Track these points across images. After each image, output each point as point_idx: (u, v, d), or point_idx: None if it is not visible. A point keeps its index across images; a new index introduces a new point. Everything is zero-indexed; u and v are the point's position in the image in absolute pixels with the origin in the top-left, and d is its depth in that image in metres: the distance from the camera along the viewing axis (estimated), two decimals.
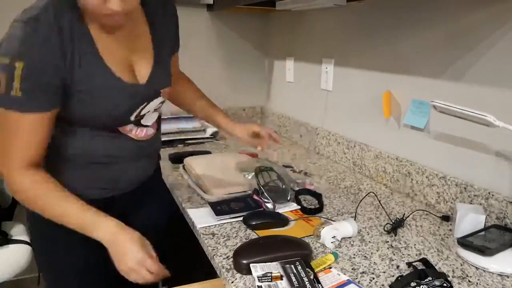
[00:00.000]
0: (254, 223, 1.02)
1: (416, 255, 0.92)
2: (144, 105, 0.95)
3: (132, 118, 0.94)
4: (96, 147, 0.93)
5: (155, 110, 1.01)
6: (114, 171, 0.98)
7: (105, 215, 0.88)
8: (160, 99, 0.99)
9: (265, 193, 1.13)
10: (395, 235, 1.01)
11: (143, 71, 0.94)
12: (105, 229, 0.86)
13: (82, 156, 0.93)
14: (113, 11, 0.77)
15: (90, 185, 0.97)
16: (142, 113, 0.96)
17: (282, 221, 1.04)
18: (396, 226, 1.03)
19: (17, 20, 0.77)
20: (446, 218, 1.11)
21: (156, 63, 0.97)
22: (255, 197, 1.15)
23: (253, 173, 1.23)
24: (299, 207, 1.14)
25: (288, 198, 1.16)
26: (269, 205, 1.12)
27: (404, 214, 1.13)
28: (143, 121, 0.98)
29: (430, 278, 0.80)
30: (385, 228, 1.04)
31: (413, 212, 1.15)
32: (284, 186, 1.20)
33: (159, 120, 1.07)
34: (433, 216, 1.13)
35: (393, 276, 0.83)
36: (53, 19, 0.78)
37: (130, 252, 0.85)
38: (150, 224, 1.14)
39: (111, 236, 0.86)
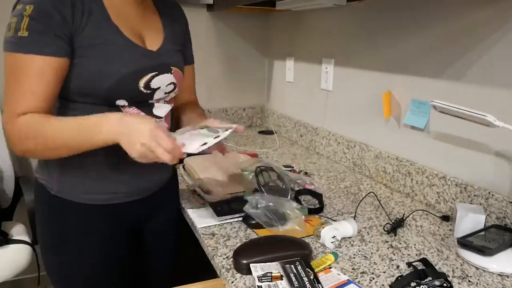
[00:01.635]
0: (254, 222, 1.02)
1: (416, 255, 0.92)
2: (154, 73, 0.91)
3: (141, 85, 0.89)
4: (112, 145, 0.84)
5: (167, 94, 0.97)
6: (136, 173, 0.95)
7: (104, 114, 0.81)
8: (170, 77, 0.95)
9: (265, 193, 1.13)
10: (395, 235, 1.01)
11: (154, 42, 0.95)
12: (110, 125, 0.79)
13: (102, 157, 0.91)
14: None
15: (98, 187, 0.94)
16: (152, 84, 0.91)
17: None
18: (395, 226, 1.03)
19: None
20: (446, 218, 1.11)
21: (166, 38, 0.98)
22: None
23: (253, 173, 1.23)
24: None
25: (288, 198, 1.16)
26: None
27: (404, 214, 1.13)
28: (154, 110, 0.95)
29: (430, 278, 0.80)
30: (385, 228, 1.04)
31: (413, 212, 1.15)
32: (284, 186, 1.20)
33: (171, 118, 1.04)
34: (433, 216, 1.13)
35: (393, 276, 0.83)
36: None
37: (140, 127, 0.76)
38: (159, 232, 1.13)
39: (117, 123, 0.78)
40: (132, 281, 1.09)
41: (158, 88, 0.93)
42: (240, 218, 1.06)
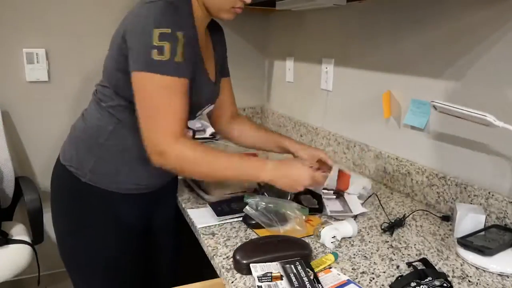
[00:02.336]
0: (254, 222, 1.02)
1: (416, 255, 0.92)
2: (209, 105, 1.08)
3: (198, 113, 1.06)
4: None
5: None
6: (154, 167, 0.99)
7: (261, 159, 0.99)
8: (211, 107, 1.12)
9: (265, 193, 1.13)
10: (391, 235, 1.01)
11: (211, 73, 1.06)
12: (266, 170, 0.95)
13: (132, 148, 0.99)
14: (243, 3, 0.97)
15: (129, 179, 1.02)
16: (203, 112, 1.08)
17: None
18: (393, 225, 1.03)
19: (154, 0, 0.86)
20: (446, 218, 1.11)
21: (216, 72, 1.11)
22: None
23: None
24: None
25: (288, 198, 1.16)
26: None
27: (404, 214, 1.13)
28: (189, 123, 1.04)
29: (430, 278, 0.80)
30: (382, 227, 1.04)
31: (413, 212, 1.15)
32: None
33: (193, 130, 1.20)
34: (433, 216, 1.13)
35: (393, 276, 0.83)
36: (183, 8, 0.91)
37: (298, 176, 0.97)
38: (165, 223, 1.21)
39: (273, 172, 0.96)
40: (143, 271, 1.17)
41: (201, 113, 1.10)
42: (240, 218, 1.06)
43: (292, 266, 0.81)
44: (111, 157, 0.99)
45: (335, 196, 1.17)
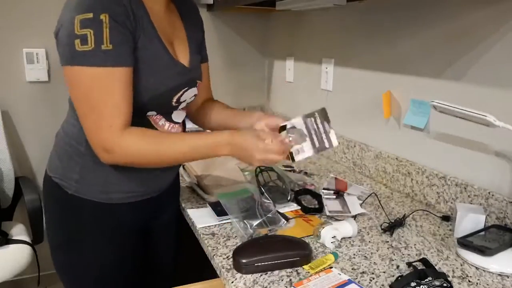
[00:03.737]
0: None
1: (416, 255, 0.92)
2: (185, 89, 0.96)
3: (174, 100, 0.94)
4: None
5: (188, 104, 1.02)
6: (146, 172, 0.97)
7: (216, 133, 0.90)
8: (194, 91, 1.00)
9: (265, 193, 1.13)
10: (391, 235, 1.01)
11: (182, 54, 0.97)
12: (222, 146, 0.88)
13: None
14: None
15: (116, 187, 0.95)
16: (182, 98, 0.96)
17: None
18: (393, 225, 1.03)
19: None
20: (446, 218, 1.11)
21: (191, 54, 1.00)
22: (255, 197, 1.15)
23: (253, 173, 1.23)
24: (299, 207, 1.14)
25: (288, 198, 1.16)
26: (269, 206, 1.12)
27: (404, 214, 1.13)
28: (173, 117, 0.98)
29: (430, 278, 0.80)
30: (382, 227, 1.04)
31: (413, 212, 1.15)
32: (284, 186, 1.20)
33: (184, 122, 1.08)
34: (433, 216, 1.13)
35: (393, 276, 0.83)
36: None
37: (251, 149, 0.87)
38: (164, 232, 1.15)
39: (228, 147, 0.88)
40: (139, 278, 1.11)
41: (184, 101, 0.99)
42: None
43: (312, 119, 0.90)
44: (95, 166, 0.91)
45: (334, 196, 1.17)
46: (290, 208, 1.13)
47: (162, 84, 0.89)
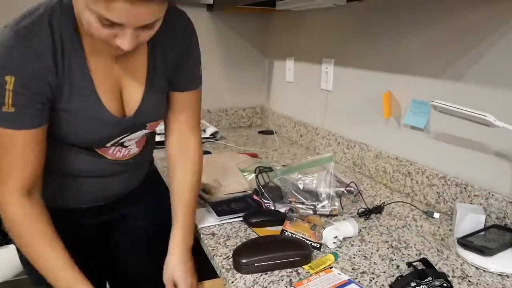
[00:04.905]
0: (254, 221, 1.02)
1: (416, 255, 0.92)
2: (125, 135, 0.91)
3: (109, 145, 0.90)
4: (72, 162, 0.91)
5: (139, 138, 0.97)
6: (96, 184, 0.96)
7: (81, 281, 0.82)
8: (144, 131, 0.94)
9: (265, 194, 1.13)
10: (366, 219, 1.07)
11: (132, 99, 0.87)
12: None
13: (61, 169, 0.91)
14: (121, 49, 0.73)
15: (77, 196, 0.95)
16: (122, 141, 0.92)
17: (282, 219, 1.04)
18: (370, 211, 1.10)
19: (8, 28, 0.73)
20: (430, 214, 1.13)
21: (148, 89, 0.88)
22: (255, 197, 1.15)
23: (253, 174, 1.23)
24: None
25: (288, 201, 1.16)
26: (269, 205, 1.12)
27: (384, 202, 1.18)
28: (125, 143, 0.94)
29: (430, 278, 0.80)
30: (358, 212, 1.09)
31: (392, 203, 1.15)
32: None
33: (149, 138, 1.03)
34: (433, 216, 1.13)
35: (393, 276, 0.83)
36: (48, 31, 0.73)
37: None
38: (144, 226, 1.12)
39: None
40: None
41: (130, 139, 0.93)
42: (240, 218, 1.06)
43: None
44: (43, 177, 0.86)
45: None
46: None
47: (91, 134, 0.85)
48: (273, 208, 1.11)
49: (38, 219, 0.81)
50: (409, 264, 0.87)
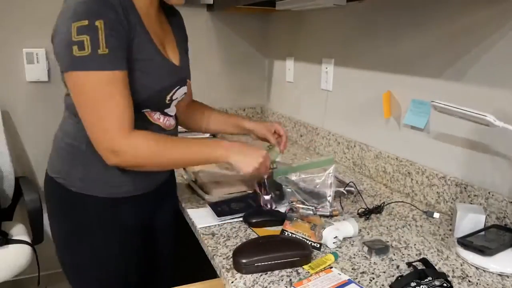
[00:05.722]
0: (254, 221, 1.02)
1: (416, 255, 0.92)
2: (177, 87, 0.99)
3: (168, 98, 0.98)
4: None
5: (178, 101, 1.05)
6: None
7: (218, 140, 1.01)
8: (184, 89, 1.04)
9: (267, 191, 1.13)
10: (366, 219, 1.06)
11: (173, 54, 1.01)
12: (223, 147, 0.97)
13: None
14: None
15: (135, 180, 0.99)
16: (173, 97, 1.00)
17: (282, 219, 1.04)
18: (370, 211, 1.10)
19: None
20: (430, 214, 1.13)
21: (180, 50, 1.04)
22: (257, 189, 1.15)
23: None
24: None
25: (289, 202, 1.16)
26: (269, 205, 1.12)
27: (384, 202, 1.16)
28: (167, 111, 1.01)
29: (430, 278, 0.80)
30: (358, 212, 1.08)
31: (391, 202, 1.15)
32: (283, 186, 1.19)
33: (176, 116, 1.10)
34: (433, 217, 1.13)
35: (393, 276, 0.83)
36: None
37: (247, 156, 0.99)
38: (164, 224, 1.17)
39: (229, 148, 0.97)
40: (141, 278, 1.14)
41: (176, 98, 1.02)
42: (240, 218, 1.06)
43: None
44: (98, 163, 0.92)
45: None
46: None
47: (157, 84, 0.93)
48: (272, 204, 1.11)
49: (152, 134, 0.90)
50: (409, 264, 0.87)
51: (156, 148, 0.88)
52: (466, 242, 0.90)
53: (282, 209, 1.11)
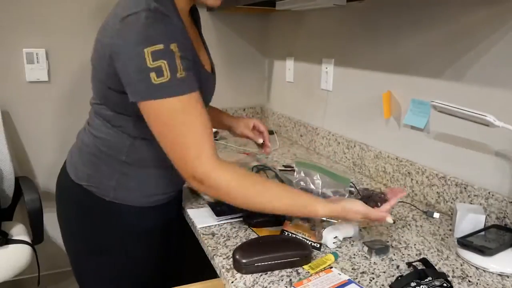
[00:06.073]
0: (254, 221, 1.02)
1: (416, 255, 0.92)
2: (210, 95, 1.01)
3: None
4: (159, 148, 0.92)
5: None
6: (170, 173, 0.99)
7: (314, 197, 0.89)
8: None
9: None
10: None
11: (206, 64, 0.98)
12: (321, 202, 0.86)
13: (154, 159, 0.95)
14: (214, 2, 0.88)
15: (161, 189, 1.00)
16: None
17: (282, 219, 1.04)
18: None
19: (134, 12, 0.75)
20: (430, 214, 1.13)
21: (210, 60, 1.05)
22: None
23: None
24: None
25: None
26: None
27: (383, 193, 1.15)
28: None
29: (430, 278, 0.80)
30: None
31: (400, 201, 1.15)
32: None
33: None
34: (433, 216, 1.13)
35: (393, 276, 0.83)
36: (166, 10, 0.78)
37: (355, 210, 0.87)
38: (178, 227, 1.19)
39: (329, 206, 0.86)
40: (168, 277, 1.16)
41: None
42: (240, 218, 1.06)
43: None
44: (136, 172, 0.94)
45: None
46: None
47: (207, 96, 0.95)
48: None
49: (245, 172, 0.84)
50: (409, 264, 0.87)
51: (247, 187, 0.82)
52: (466, 242, 0.90)
53: None
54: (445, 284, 0.79)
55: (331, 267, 0.85)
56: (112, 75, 0.82)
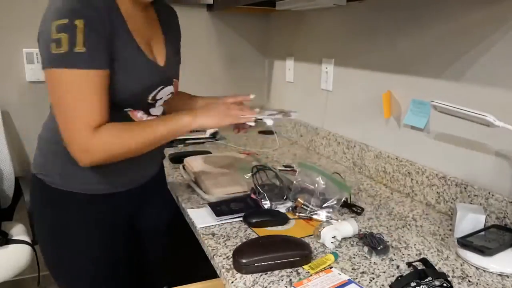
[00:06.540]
0: (254, 221, 1.02)
1: (416, 255, 0.92)
2: (160, 88, 0.98)
3: (150, 98, 0.97)
4: None
5: (165, 101, 1.05)
6: (131, 162, 0.98)
7: (178, 113, 0.96)
8: (171, 89, 1.03)
9: (262, 192, 1.13)
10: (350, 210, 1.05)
11: (159, 54, 1.00)
12: (191, 115, 0.95)
13: None
14: None
15: (116, 177, 0.99)
16: (157, 97, 0.99)
17: (282, 219, 1.04)
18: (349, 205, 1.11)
19: None
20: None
21: (168, 49, 1.03)
22: (253, 196, 1.15)
23: (250, 172, 1.23)
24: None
25: (285, 197, 1.16)
26: (266, 204, 1.12)
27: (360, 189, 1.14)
28: (151, 111, 1.01)
29: (430, 278, 0.80)
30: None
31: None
32: (281, 185, 1.19)
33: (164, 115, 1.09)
34: (433, 216, 1.13)
35: (393, 276, 0.83)
36: None
37: (211, 110, 0.98)
38: (151, 224, 1.17)
39: (193, 117, 0.95)
40: (129, 274, 1.12)
41: (161, 98, 1.01)
42: (240, 218, 1.06)
43: None
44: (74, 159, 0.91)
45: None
46: (286, 205, 1.13)
47: (137, 83, 0.92)
48: (270, 206, 1.11)
49: (114, 124, 0.88)
50: (409, 264, 0.87)
51: (123, 135, 0.87)
52: (466, 242, 0.90)
53: (282, 209, 1.11)
54: (445, 284, 0.78)
55: (331, 267, 0.85)
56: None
